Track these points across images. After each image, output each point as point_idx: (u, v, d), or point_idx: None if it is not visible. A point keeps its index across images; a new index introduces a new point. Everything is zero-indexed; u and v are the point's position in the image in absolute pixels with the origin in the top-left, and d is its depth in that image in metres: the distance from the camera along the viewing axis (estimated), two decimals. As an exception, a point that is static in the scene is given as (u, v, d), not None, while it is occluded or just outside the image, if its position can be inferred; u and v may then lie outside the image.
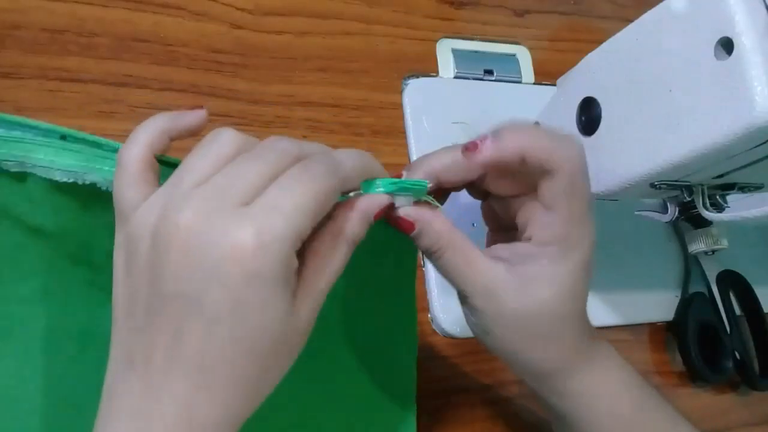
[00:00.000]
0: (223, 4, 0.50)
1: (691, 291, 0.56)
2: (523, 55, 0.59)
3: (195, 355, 0.23)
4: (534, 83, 0.59)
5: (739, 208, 0.36)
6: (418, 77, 0.54)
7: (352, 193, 0.27)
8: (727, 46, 0.31)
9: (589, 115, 0.40)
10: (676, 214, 0.44)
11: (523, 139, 0.30)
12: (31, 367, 0.31)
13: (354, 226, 0.27)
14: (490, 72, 0.57)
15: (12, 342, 0.31)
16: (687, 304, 0.55)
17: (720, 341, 0.54)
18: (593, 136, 0.40)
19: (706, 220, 0.39)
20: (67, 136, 0.28)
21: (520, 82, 0.58)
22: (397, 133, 0.52)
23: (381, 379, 0.40)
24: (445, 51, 0.56)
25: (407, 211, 0.31)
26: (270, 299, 0.24)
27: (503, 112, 0.56)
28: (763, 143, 0.32)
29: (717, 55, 0.31)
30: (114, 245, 0.26)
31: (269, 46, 0.50)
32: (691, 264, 0.57)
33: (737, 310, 0.57)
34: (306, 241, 0.25)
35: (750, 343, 0.57)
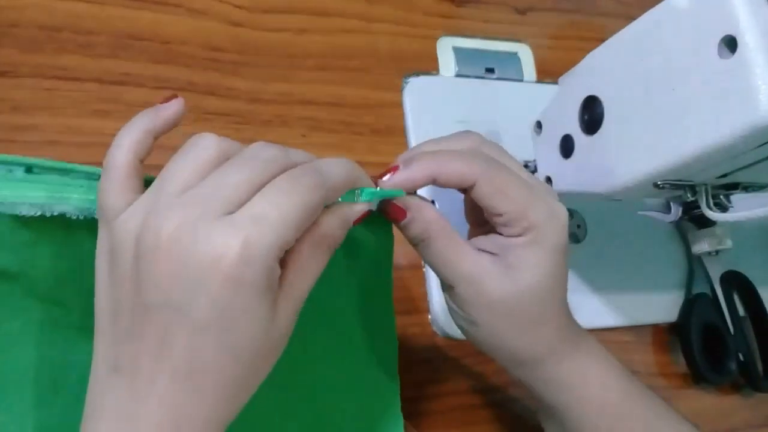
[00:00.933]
0: (221, 2, 0.49)
1: (695, 292, 0.56)
2: (525, 54, 0.59)
3: (182, 362, 0.24)
4: (536, 82, 0.59)
5: (743, 208, 0.35)
6: (418, 76, 0.54)
7: None
8: (730, 44, 0.31)
9: (591, 114, 0.40)
10: (680, 214, 0.43)
11: (431, 167, 0.32)
12: (2, 411, 0.30)
13: (334, 233, 0.27)
14: (491, 70, 0.57)
15: None
16: (690, 305, 0.55)
17: (723, 342, 0.54)
18: (596, 135, 0.40)
19: (710, 220, 0.39)
20: (33, 167, 0.27)
21: (521, 81, 0.58)
22: (398, 132, 0.52)
23: (362, 369, 0.39)
24: (446, 49, 0.56)
25: (401, 199, 0.32)
26: (254, 307, 0.24)
27: (505, 111, 0.55)
28: (767, 143, 0.31)
29: (720, 54, 0.31)
30: (96, 250, 0.26)
31: (268, 44, 0.50)
32: (694, 265, 0.57)
33: (741, 311, 0.56)
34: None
35: (754, 345, 0.56)
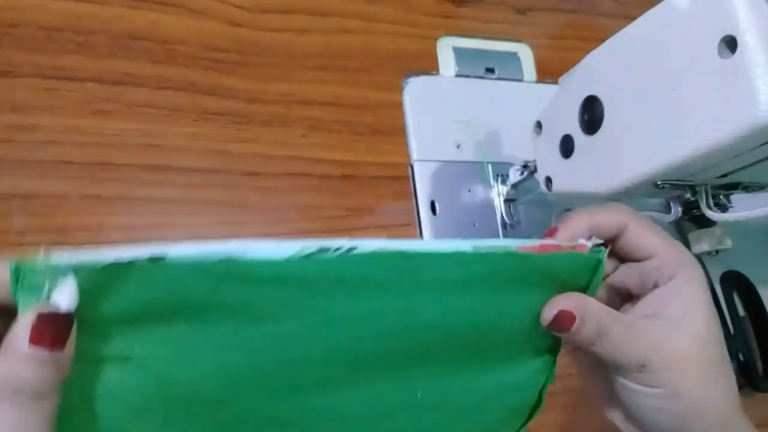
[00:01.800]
0: (220, 2, 0.49)
1: (695, 291, 0.56)
2: (525, 54, 0.59)
3: None
4: (536, 82, 0.59)
5: (743, 208, 0.35)
6: (418, 75, 0.54)
7: None
8: (730, 44, 0.31)
9: (591, 114, 0.40)
10: (680, 214, 0.43)
11: (587, 218, 0.32)
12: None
13: (11, 371, 0.21)
14: (491, 70, 0.57)
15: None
16: (690, 304, 0.55)
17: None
18: (596, 135, 0.40)
19: (710, 220, 0.39)
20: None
21: (521, 81, 0.58)
22: (398, 131, 0.52)
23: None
24: (446, 49, 0.56)
25: (565, 301, 0.30)
26: None
27: (505, 111, 0.55)
28: (767, 143, 0.31)
29: (720, 54, 0.31)
30: None
31: (268, 44, 0.50)
32: (694, 264, 0.57)
33: (741, 311, 0.56)
34: None
35: (753, 345, 0.56)
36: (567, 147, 0.42)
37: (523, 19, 0.61)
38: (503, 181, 0.53)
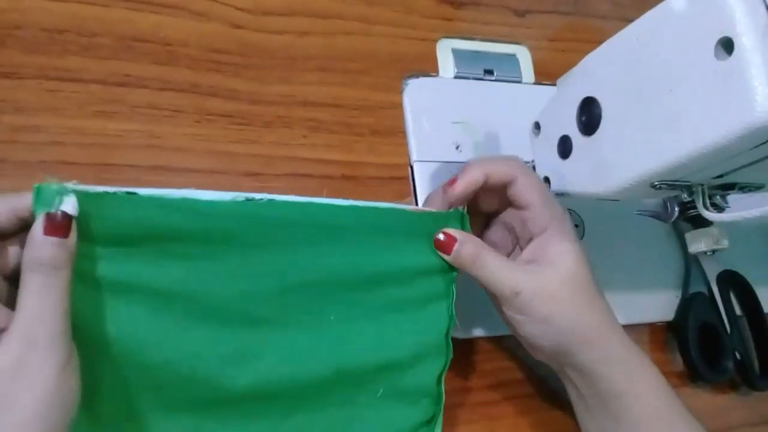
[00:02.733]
0: (222, 4, 0.50)
1: (692, 291, 0.56)
2: (523, 55, 0.59)
3: None
4: (534, 83, 0.59)
5: (740, 208, 0.36)
6: (418, 77, 0.54)
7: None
8: (727, 45, 0.31)
9: (589, 115, 0.40)
10: (677, 214, 0.44)
11: (483, 167, 0.39)
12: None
13: (26, 257, 0.29)
14: (490, 72, 0.57)
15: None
16: (687, 304, 0.55)
17: (720, 341, 0.54)
18: (593, 136, 0.40)
19: (707, 220, 0.39)
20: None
21: (520, 82, 0.58)
22: (397, 132, 0.52)
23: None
24: (445, 51, 0.56)
25: (450, 230, 0.39)
26: None
27: (503, 112, 0.56)
28: (764, 143, 0.32)
29: (717, 55, 0.31)
30: None
31: (269, 46, 0.50)
32: (691, 264, 0.57)
33: (737, 310, 0.57)
34: None
35: (750, 343, 0.57)
36: (565, 148, 0.43)
37: (522, 21, 0.61)
38: (502, 182, 0.53)
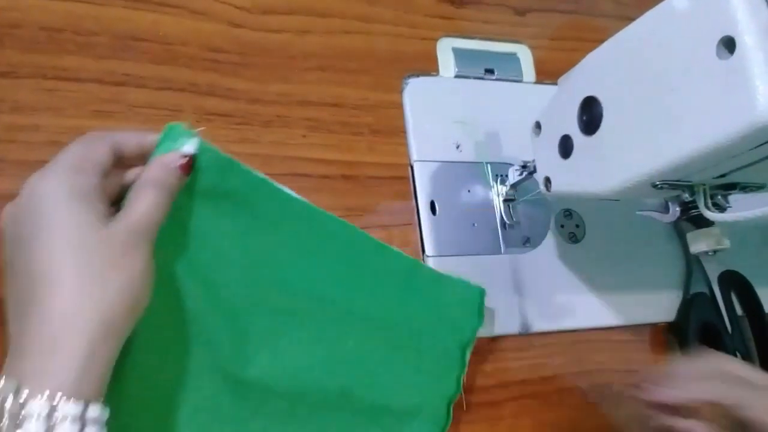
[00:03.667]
0: (221, 3, 0.50)
1: (693, 291, 0.56)
2: (524, 54, 0.59)
3: (39, 277, 0.30)
4: (535, 82, 0.59)
5: (741, 208, 0.36)
6: (418, 76, 0.54)
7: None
8: (729, 45, 0.31)
9: (590, 115, 0.40)
10: (678, 214, 0.43)
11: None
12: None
13: (155, 174, 0.35)
14: (490, 71, 0.57)
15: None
16: (688, 304, 0.55)
17: (721, 341, 0.54)
18: (594, 136, 0.40)
19: (708, 220, 0.39)
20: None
21: (521, 81, 0.58)
22: (398, 132, 0.52)
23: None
24: (445, 50, 0.56)
25: None
26: (52, 207, 0.31)
27: (504, 112, 0.56)
28: (765, 143, 0.31)
29: (719, 54, 0.31)
30: None
31: (268, 45, 0.50)
32: (692, 264, 0.57)
33: (739, 311, 0.57)
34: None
35: (751, 344, 0.57)
36: (566, 147, 0.43)
37: (523, 20, 0.61)
38: (502, 182, 0.53)
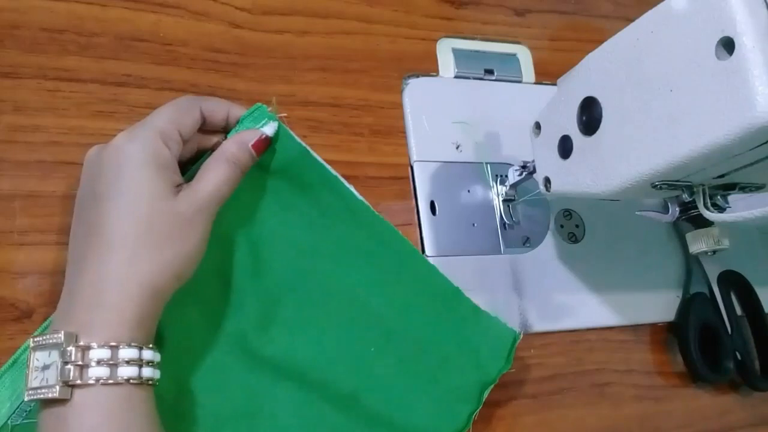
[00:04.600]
0: (222, 3, 0.50)
1: (692, 291, 0.56)
2: (524, 55, 0.59)
3: (102, 234, 0.32)
4: (534, 83, 0.59)
5: (741, 209, 0.36)
6: (418, 77, 0.54)
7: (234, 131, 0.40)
8: (728, 45, 0.31)
9: (589, 115, 0.40)
10: (677, 214, 0.43)
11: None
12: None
13: (231, 149, 0.38)
14: (490, 71, 0.57)
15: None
16: (688, 304, 0.55)
17: (721, 341, 0.54)
18: (594, 136, 0.40)
19: (707, 220, 0.39)
20: None
21: (520, 82, 0.58)
22: (397, 132, 0.52)
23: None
24: (445, 50, 0.56)
25: None
26: (135, 172, 0.33)
27: (503, 112, 0.56)
28: (764, 143, 0.31)
29: (718, 55, 0.31)
30: None
31: (269, 46, 0.50)
32: (692, 264, 0.57)
33: (738, 311, 0.57)
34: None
35: (751, 344, 0.57)
36: (565, 148, 0.43)
37: (522, 20, 0.61)
38: (502, 182, 0.53)
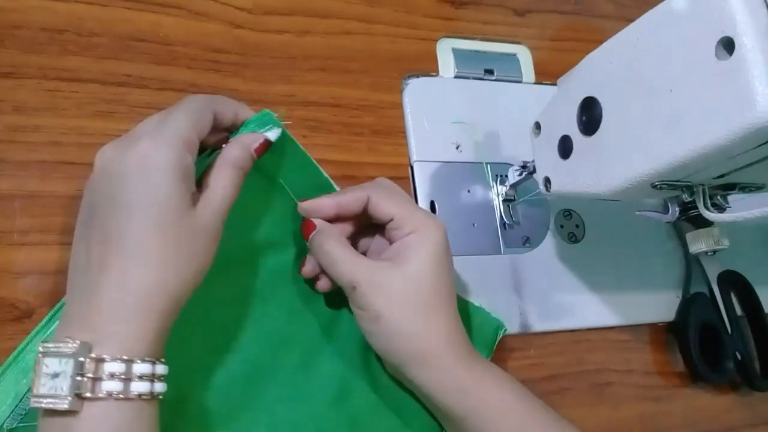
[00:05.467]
0: (222, 3, 0.50)
1: (692, 291, 0.56)
2: (524, 55, 0.59)
3: (126, 245, 0.31)
4: (534, 83, 0.59)
5: (740, 209, 0.36)
6: (418, 77, 0.54)
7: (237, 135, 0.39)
8: (728, 45, 0.31)
9: (589, 115, 0.40)
10: (677, 214, 0.43)
11: (333, 199, 0.42)
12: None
13: (236, 153, 0.37)
14: (490, 71, 0.57)
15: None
16: (688, 304, 0.55)
17: (721, 341, 0.54)
18: (594, 136, 0.40)
19: (707, 220, 0.39)
20: None
21: (520, 82, 0.58)
22: (397, 132, 0.52)
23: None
24: (445, 50, 0.56)
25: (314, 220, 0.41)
26: (163, 183, 0.32)
27: (504, 112, 0.56)
28: (764, 143, 0.31)
29: (718, 55, 0.31)
30: None
31: (269, 46, 0.50)
32: (692, 264, 0.57)
33: (738, 311, 0.57)
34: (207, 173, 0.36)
35: (751, 344, 0.57)
36: (565, 148, 0.43)
37: (522, 20, 0.61)
38: (502, 182, 0.53)
